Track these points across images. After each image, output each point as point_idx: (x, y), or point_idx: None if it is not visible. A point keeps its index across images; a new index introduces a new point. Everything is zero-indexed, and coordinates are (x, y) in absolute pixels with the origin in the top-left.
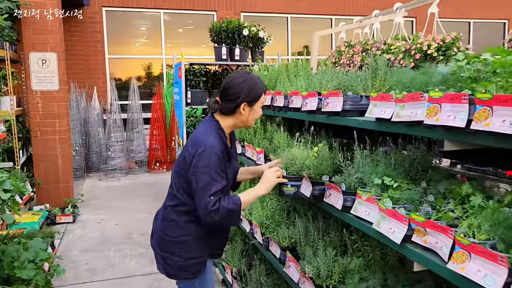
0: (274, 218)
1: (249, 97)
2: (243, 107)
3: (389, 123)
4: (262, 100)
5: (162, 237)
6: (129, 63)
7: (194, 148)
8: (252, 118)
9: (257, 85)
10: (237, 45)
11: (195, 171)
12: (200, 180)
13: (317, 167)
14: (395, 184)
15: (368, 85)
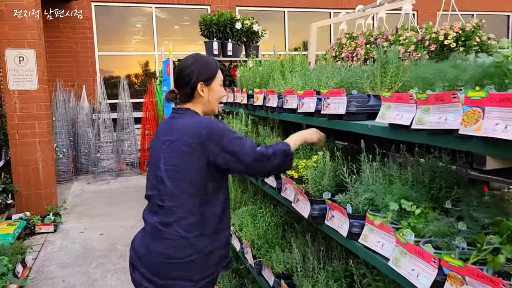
0: (267, 237)
1: (203, 75)
2: (200, 87)
3: (408, 131)
4: (220, 78)
5: (164, 263)
6: (121, 61)
7: (195, 135)
8: (215, 99)
9: (209, 62)
10: (229, 40)
11: (218, 150)
12: (234, 148)
13: (316, 181)
14: (417, 210)
15: (377, 81)
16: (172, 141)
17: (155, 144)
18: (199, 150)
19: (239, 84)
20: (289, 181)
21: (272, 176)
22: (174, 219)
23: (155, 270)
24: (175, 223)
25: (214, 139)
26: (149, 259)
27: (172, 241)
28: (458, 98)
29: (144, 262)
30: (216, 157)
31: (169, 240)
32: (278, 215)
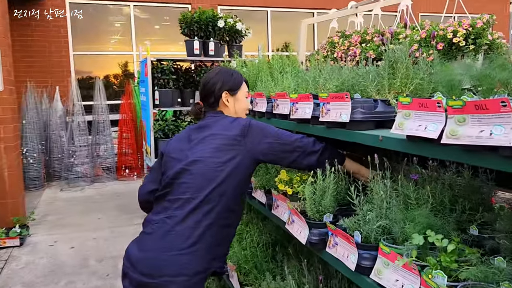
0: (256, 260)
1: (227, 84)
2: (225, 97)
3: (435, 146)
4: (245, 89)
5: (164, 258)
6: (97, 61)
7: (234, 128)
8: (241, 110)
9: (233, 73)
10: (211, 39)
11: (270, 137)
12: (281, 135)
13: (315, 201)
14: (450, 246)
15: (384, 84)
16: (207, 136)
17: (172, 146)
18: (241, 143)
19: None
20: (282, 198)
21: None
22: (188, 209)
23: (148, 269)
24: (188, 214)
25: (256, 130)
26: (143, 260)
27: (176, 232)
28: (509, 107)
29: (136, 266)
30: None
31: (173, 231)
32: (267, 232)
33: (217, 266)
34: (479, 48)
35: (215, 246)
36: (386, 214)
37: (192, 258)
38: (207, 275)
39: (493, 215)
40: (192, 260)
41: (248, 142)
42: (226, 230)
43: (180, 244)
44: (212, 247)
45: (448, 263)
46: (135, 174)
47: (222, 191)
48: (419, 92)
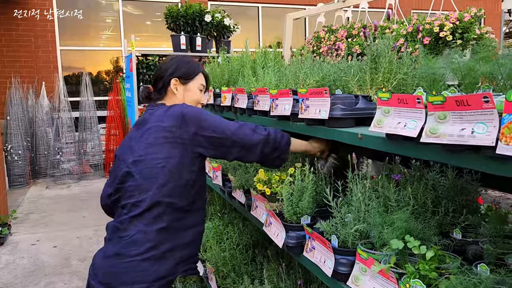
0: (234, 262)
1: (179, 71)
2: (174, 83)
3: (414, 145)
4: (199, 81)
5: (117, 265)
6: (85, 56)
7: (168, 119)
8: (191, 101)
9: (189, 62)
10: (198, 34)
11: (195, 127)
12: (219, 130)
13: (293, 202)
14: (429, 253)
15: (366, 79)
16: (144, 132)
17: (121, 147)
18: (176, 134)
19: None
20: (260, 198)
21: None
22: (136, 213)
23: (107, 278)
24: (136, 218)
25: (191, 119)
26: (101, 267)
27: (128, 237)
28: (492, 103)
29: (97, 273)
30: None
31: (126, 237)
32: (247, 233)
33: (183, 269)
34: (466, 43)
35: (176, 250)
36: (364, 217)
37: (149, 265)
38: (171, 280)
39: (478, 218)
40: (149, 266)
41: (185, 134)
42: (185, 232)
43: (134, 250)
44: (172, 251)
45: (427, 272)
46: None
47: (167, 191)
48: (402, 87)
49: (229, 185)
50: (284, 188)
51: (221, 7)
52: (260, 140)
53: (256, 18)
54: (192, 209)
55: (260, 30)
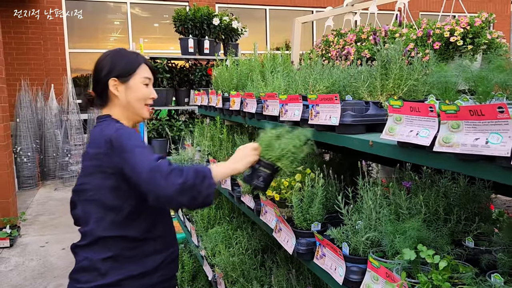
0: (244, 267)
1: (116, 69)
2: (112, 85)
3: (427, 154)
4: (142, 74)
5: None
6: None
7: (99, 144)
8: (136, 100)
9: (125, 55)
10: (206, 37)
11: (124, 153)
12: (133, 156)
13: (303, 209)
14: (442, 263)
15: (377, 85)
16: (84, 155)
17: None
18: (105, 162)
19: (215, 85)
20: (270, 204)
21: (184, 207)
22: (81, 244)
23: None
24: (81, 247)
25: (116, 147)
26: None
27: (78, 262)
28: (507, 113)
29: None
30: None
31: (77, 261)
32: (256, 238)
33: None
34: (477, 48)
35: (131, 280)
36: (375, 225)
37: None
38: None
39: (490, 226)
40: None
41: (112, 163)
42: (142, 260)
43: (84, 277)
44: (126, 280)
45: (440, 282)
46: None
47: (107, 225)
48: (413, 94)
49: (238, 190)
50: (294, 195)
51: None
52: (174, 192)
53: (264, 20)
54: (150, 236)
55: (267, 32)
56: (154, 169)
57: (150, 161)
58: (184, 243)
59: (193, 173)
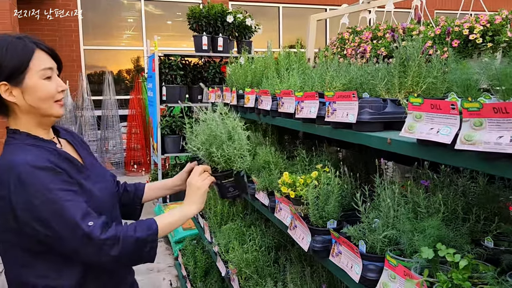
0: (257, 264)
1: (3, 72)
2: (4, 90)
3: (448, 152)
4: (38, 66)
5: None
6: (108, 56)
7: (1, 186)
8: (40, 101)
9: (10, 48)
10: (220, 34)
11: (31, 212)
12: (48, 215)
13: (318, 206)
14: (462, 262)
15: (395, 83)
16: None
17: None
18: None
19: (229, 82)
20: (285, 201)
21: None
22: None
23: None
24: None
25: (18, 197)
26: None
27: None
28: None
29: None
30: (24, 227)
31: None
32: (269, 235)
33: None
34: (497, 46)
35: None
36: (393, 223)
37: None
38: None
39: (510, 226)
40: None
41: (10, 207)
42: None
43: None
44: None
45: (460, 281)
46: (143, 170)
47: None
48: (432, 91)
49: (252, 187)
50: (310, 192)
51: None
52: (109, 262)
53: (277, 18)
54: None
55: (280, 30)
56: (84, 236)
57: (78, 225)
58: (197, 239)
59: (133, 243)
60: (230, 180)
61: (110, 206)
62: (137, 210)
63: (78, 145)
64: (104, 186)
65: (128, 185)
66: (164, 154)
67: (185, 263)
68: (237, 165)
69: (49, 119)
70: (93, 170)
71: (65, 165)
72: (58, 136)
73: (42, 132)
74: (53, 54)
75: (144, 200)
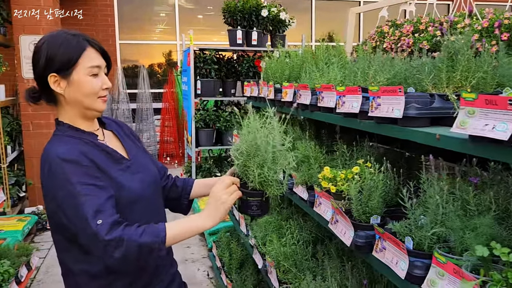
0: (296, 257)
1: (53, 63)
2: (53, 81)
3: (505, 148)
4: (87, 64)
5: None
6: (142, 50)
7: (41, 171)
8: (83, 96)
9: (64, 42)
10: (254, 28)
11: (56, 201)
12: (66, 207)
13: (362, 202)
14: None
15: (442, 77)
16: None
17: None
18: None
19: (265, 76)
20: (325, 195)
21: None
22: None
23: None
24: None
25: (49, 184)
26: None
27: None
28: None
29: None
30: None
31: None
32: (307, 229)
33: None
34: None
35: None
36: (441, 220)
37: None
38: None
39: None
40: None
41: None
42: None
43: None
44: None
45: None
46: (175, 162)
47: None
48: (481, 86)
49: (290, 181)
50: (353, 187)
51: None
52: (113, 264)
53: (309, 11)
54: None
55: (313, 23)
56: (92, 235)
57: (88, 222)
58: (230, 231)
59: (136, 247)
60: (256, 200)
61: (148, 197)
62: (184, 205)
63: (124, 137)
64: (144, 177)
65: (178, 180)
66: (198, 147)
67: (219, 254)
68: (272, 190)
69: (92, 113)
70: (135, 161)
71: (100, 157)
72: (104, 128)
73: (85, 123)
74: (104, 53)
75: (192, 196)
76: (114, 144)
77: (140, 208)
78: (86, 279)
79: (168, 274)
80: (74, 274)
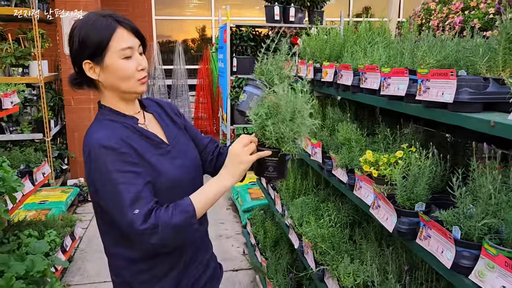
0: (333, 240)
1: (86, 50)
2: (88, 68)
3: None
4: (118, 46)
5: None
6: (177, 25)
7: (83, 153)
8: (119, 80)
9: (94, 26)
10: (292, 4)
11: (95, 186)
12: (104, 193)
13: (407, 188)
14: None
15: (498, 60)
16: None
17: None
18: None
19: (303, 54)
20: (367, 179)
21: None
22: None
23: None
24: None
25: (89, 173)
26: None
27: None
28: None
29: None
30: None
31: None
32: (344, 211)
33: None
34: None
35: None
36: (493, 211)
37: None
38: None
39: None
40: None
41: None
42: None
43: None
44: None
45: None
46: None
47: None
48: None
49: (329, 163)
50: (397, 172)
51: None
52: (153, 249)
53: None
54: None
55: None
56: (128, 223)
57: (125, 214)
58: (264, 209)
59: (171, 229)
60: (273, 160)
61: (187, 182)
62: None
63: (165, 119)
64: (184, 162)
65: (222, 148)
66: (232, 125)
67: (254, 232)
68: (288, 147)
69: (131, 95)
70: (175, 145)
71: (140, 142)
72: (145, 110)
73: (125, 106)
74: (137, 32)
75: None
76: (154, 128)
77: (180, 192)
78: (126, 262)
79: (204, 259)
80: (115, 256)
